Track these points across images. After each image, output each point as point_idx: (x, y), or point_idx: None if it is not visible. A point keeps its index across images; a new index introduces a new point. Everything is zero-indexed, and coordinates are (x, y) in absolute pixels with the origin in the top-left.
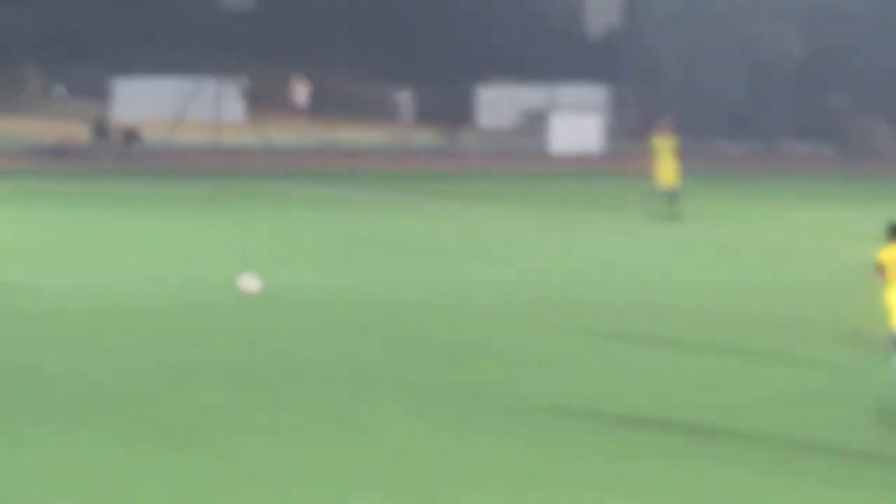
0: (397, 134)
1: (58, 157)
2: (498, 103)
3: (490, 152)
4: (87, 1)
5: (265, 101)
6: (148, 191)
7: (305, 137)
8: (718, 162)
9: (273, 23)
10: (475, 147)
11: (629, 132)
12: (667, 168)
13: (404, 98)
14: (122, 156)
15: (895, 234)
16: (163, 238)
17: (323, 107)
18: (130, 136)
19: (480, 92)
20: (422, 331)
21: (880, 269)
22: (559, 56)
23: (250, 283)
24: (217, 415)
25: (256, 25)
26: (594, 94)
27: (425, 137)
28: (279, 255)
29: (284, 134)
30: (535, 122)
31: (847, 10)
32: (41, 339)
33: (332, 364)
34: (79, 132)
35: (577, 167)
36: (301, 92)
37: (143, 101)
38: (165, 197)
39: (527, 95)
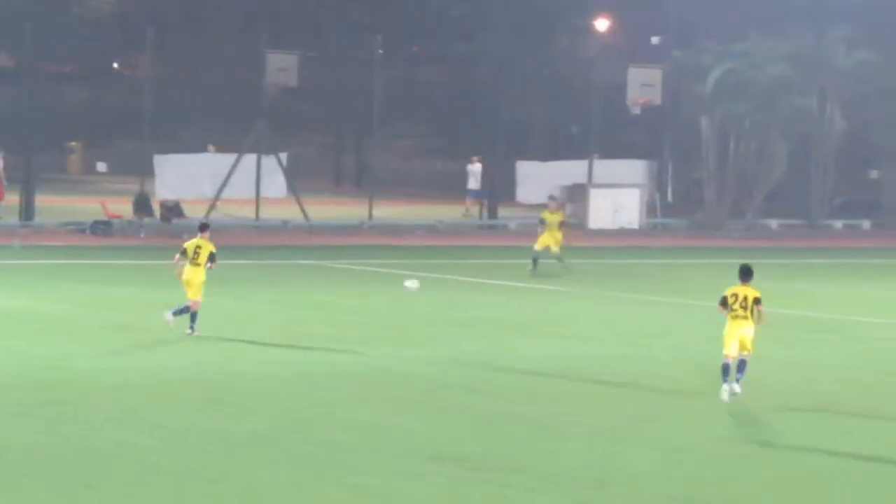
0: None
1: (100, 233)
2: (537, 178)
3: (529, 228)
4: (131, 79)
5: (306, 177)
6: None
7: (348, 213)
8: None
9: (315, 100)
10: (515, 222)
11: (669, 208)
12: (551, 237)
13: (476, 172)
14: (163, 232)
15: (745, 274)
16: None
17: (367, 182)
18: (172, 212)
19: (519, 167)
20: (462, 402)
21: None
22: (599, 132)
23: (413, 284)
24: (259, 489)
25: (299, 103)
26: (635, 169)
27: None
28: (317, 328)
29: (326, 210)
30: (576, 198)
31: (887, 85)
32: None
33: (379, 439)
34: (121, 209)
35: (617, 243)
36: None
37: (185, 178)
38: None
39: (567, 170)
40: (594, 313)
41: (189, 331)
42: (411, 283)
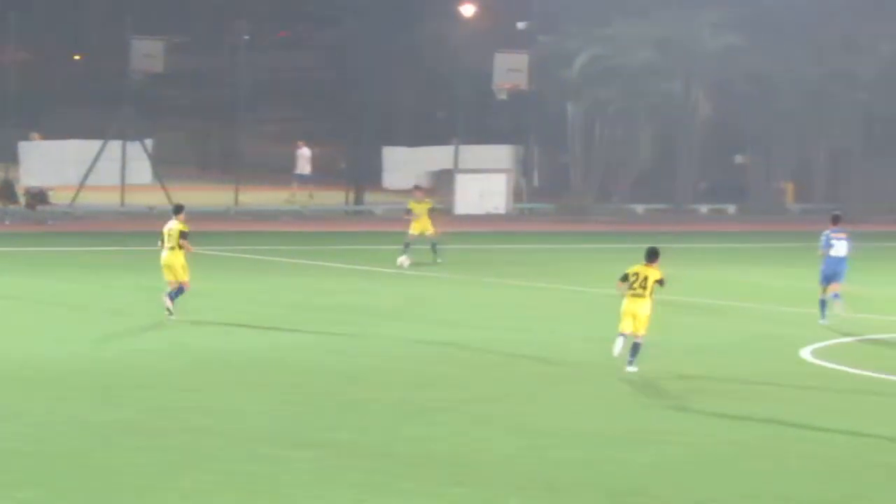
0: (304, 195)
1: None
2: (404, 164)
3: (395, 213)
4: None
5: (171, 163)
6: (53, 253)
7: (214, 199)
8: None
9: (180, 86)
10: (381, 208)
11: (536, 193)
12: (421, 224)
13: (305, 157)
14: (28, 219)
15: (650, 256)
16: (67, 299)
17: (232, 168)
18: (37, 199)
19: (386, 153)
20: (329, 389)
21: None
22: (466, 118)
23: (405, 261)
24: (126, 477)
25: (164, 89)
26: (501, 155)
27: (332, 198)
28: (186, 314)
29: (192, 196)
30: (442, 184)
31: (754, 70)
32: None
33: (245, 425)
34: None
35: (483, 228)
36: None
37: (50, 164)
38: (70, 260)
39: (433, 156)
40: (461, 298)
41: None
42: (404, 260)
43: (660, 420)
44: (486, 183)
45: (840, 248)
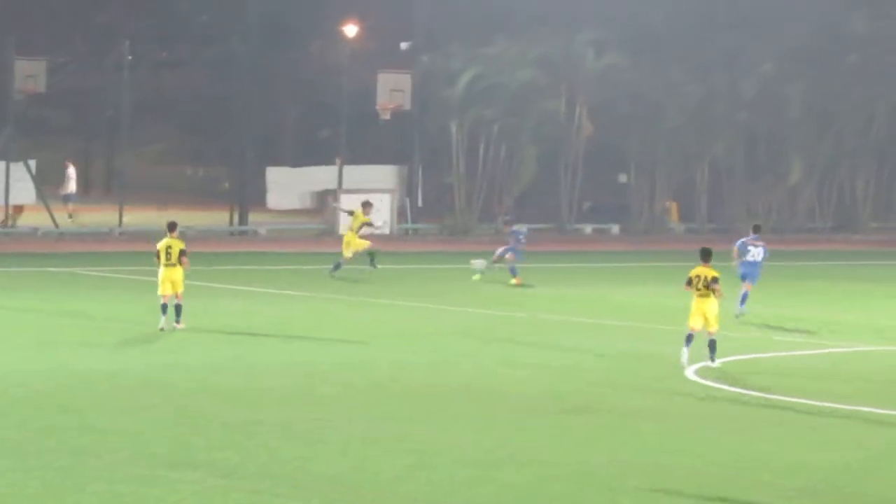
0: (188, 215)
1: None
2: (287, 184)
3: (280, 234)
4: None
5: (56, 184)
6: None
7: (98, 220)
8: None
9: (62, 106)
10: (265, 228)
11: (420, 213)
12: (354, 240)
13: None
14: None
15: (706, 256)
16: None
17: (117, 188)
18: None
19: (269, 173)
20: (213, 410)
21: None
22: (349, 138)
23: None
24: (6, 499)
25: (48, 109)
26: (385, 175)
27: (216, 219)
28: (70, 335)
29: (76, 217)
30: (326, 204)
31: (636, 89)
32: None
33: (128, 446)
34: None
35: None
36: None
37: None
38: None
39: (317, 176)
40: (346, 318)
41: (175, 324)
42: (478, 263)
43: (541, 440)
44: None
45: (756, 253)
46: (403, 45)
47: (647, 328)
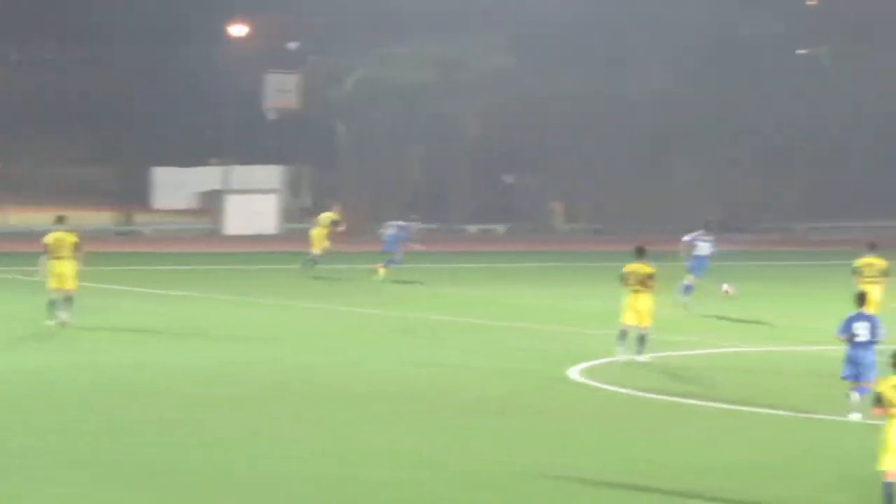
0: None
1: None
2: (173, 185)
3: (166, 234)
4: None
5: None
6: None
7: None
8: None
9: None
10: (150, 228)
11: (305, 214)
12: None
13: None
14: None
15: (640, 253)
16: None
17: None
18: None
19: (155, 173)
20: (109, 410)
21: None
22: (236, 138)
23: (728, 288)
24: None
25: None
26: (271, 175)
27: (101, 219)
28: None
29: None
30: (212, 204)
31: (521, 90)
32: None
33: (18, 443)
34: None
35: (254, 248)
36: None
37: None
38: None
39: (203, 177)
40: (236, 318)
41: (53, 321)
42: (728, 288)
43: (444, 439)
44: (256, 203)
45: (703, 248)
46: (291, 45)
47: (540, 329)
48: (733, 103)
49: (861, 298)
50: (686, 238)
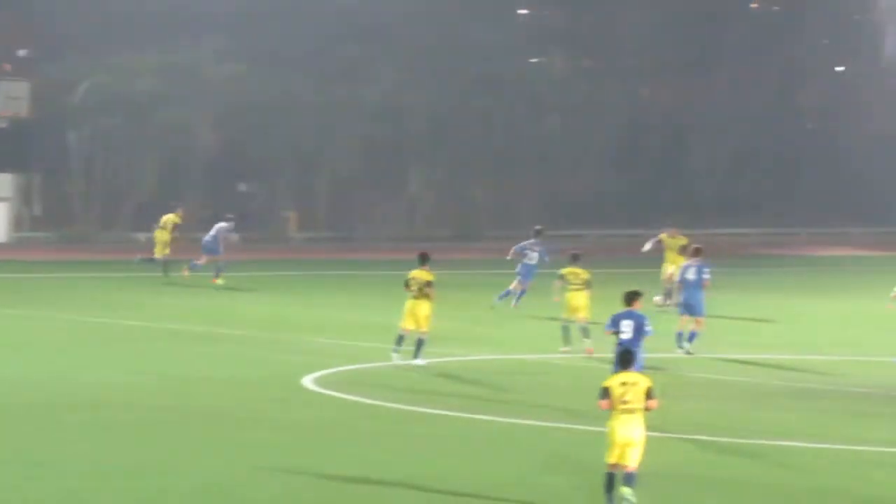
0: None
1: None
2: None
3: None
4: None
5: None
6: None
7: None
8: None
9: None
10: None
11: (37, 222)
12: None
13: None
14: None
15: (422, 260)
16: None
17: None
18: None
19: None
20: None
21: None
22: None
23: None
24: None
25: None
26: (1, 183)
27: None
28: None
29: None
30: None
31: (256, 98)
32: None
33: None
34: None
35: None
36: None
37: None
38: None
39: None
40: None
41: None
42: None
43: (162, 451)
44: None
45: (532, 257)
46: (22, 52)
47: (268, 338)
48: (463, 110)
49: (629, 298)
50: (516, 247)
